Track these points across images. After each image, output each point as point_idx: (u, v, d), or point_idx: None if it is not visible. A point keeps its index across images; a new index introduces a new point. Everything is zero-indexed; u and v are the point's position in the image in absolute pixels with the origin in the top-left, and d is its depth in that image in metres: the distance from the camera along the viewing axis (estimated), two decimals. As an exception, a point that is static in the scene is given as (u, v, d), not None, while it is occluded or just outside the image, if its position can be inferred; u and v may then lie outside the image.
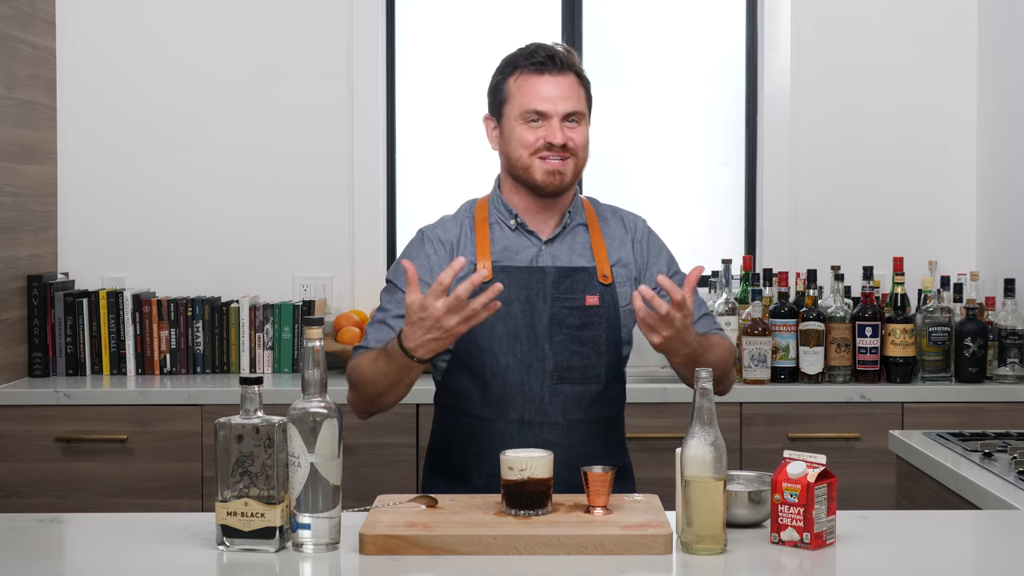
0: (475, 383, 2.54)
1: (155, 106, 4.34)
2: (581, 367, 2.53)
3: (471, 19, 4.50)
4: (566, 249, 2.59)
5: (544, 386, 2.52)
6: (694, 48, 4.53)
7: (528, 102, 2.51)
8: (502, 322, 2.51)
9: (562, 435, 2.51)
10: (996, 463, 2.63)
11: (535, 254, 2.57)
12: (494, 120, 2.59)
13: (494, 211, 2.61)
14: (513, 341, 2.52)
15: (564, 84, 2.52)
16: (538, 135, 2.51)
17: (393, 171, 4.47)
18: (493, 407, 2.52)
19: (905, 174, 4.38)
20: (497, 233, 2.59)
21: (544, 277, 2.54)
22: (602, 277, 2.56)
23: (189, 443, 3.76)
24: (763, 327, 3.87)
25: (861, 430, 3.78)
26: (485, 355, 2.52)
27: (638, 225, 2.67)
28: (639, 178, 4.53)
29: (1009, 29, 4.18)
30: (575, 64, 2.56)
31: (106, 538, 2.15)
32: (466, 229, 2.59)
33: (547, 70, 2.51)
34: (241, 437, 2.02)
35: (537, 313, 2.53)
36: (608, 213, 2.68)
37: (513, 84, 2.54)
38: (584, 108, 2.55)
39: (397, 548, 2.01)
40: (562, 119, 2.51)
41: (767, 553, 2.03)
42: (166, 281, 4.31)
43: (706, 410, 2.03)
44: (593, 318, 2.54)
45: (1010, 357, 3.88)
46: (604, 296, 2.55)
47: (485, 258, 2.54)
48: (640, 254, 2.62)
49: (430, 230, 2.62)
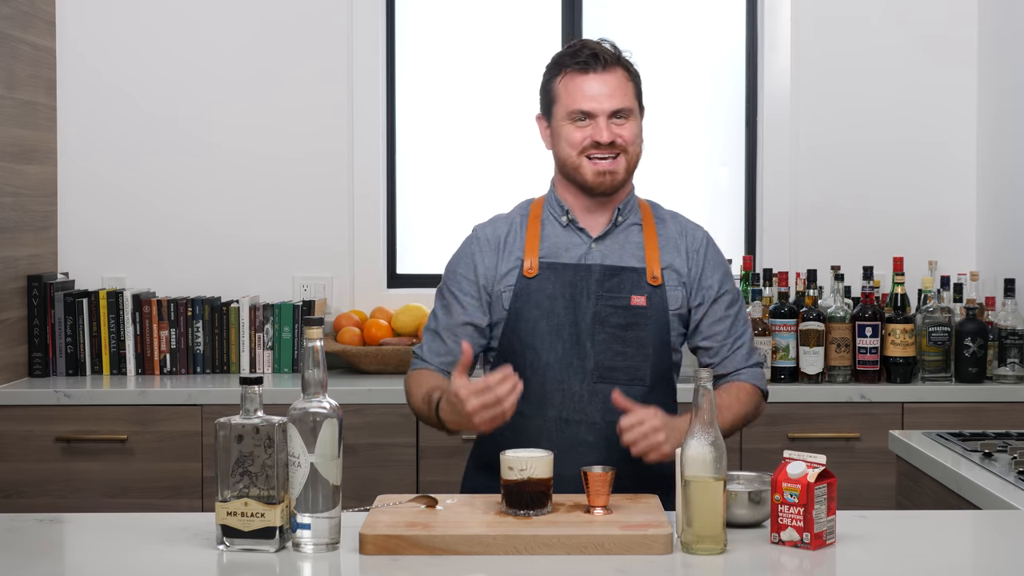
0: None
1: (155, 107, 4.34)
2: (624, 367, 2.51)
3: (471, 20, 4.50)
4: (617, 247, 2.57)
5: (584, 385, 2.51)
6: (694, 48, 4.53)
7: (573, 102, 2.51)
8: (546, 318, 2.51)
9: (600, 435, 2.49)
10: (996, 463, 2.63)
11: (584, 251, 2.56)
12: (545, 120, 2.60)
13: (547, 208, 2.62)
14: (555, 338, 2.51)
15: (610, 81, 2.51)
16: (585, 134, 2.51)
17: (393, 172, 4.47)
18: (532, 404, 2.50)
19: (905, 173, 4.38)
20: (548, 230, 2.59)
21: (589, 275, 2.53)
22: (651, 279, 2.54)
23: (189, 443, 3.76)
24: (763, 327, 3.87)
25: (861, 430, 3.78)
26: (527, 351, 2.52)
27: (697, 234, 2.64)
28: (639, 178, 4.51)
29: (1009, 28, 4.18)
30: (622, 59, 2.55)
31: (106, 538, 2.15)
32: (516, 226, 2.60)
33: (592, 68, 2.51)
34: (241, 437, 2.02)
35: (580, 311, 2.52)
36: (667, 216, 2.66)
37: (560, 84, 2.54)
38: (632, 103, 2.54)
39: (397, 548, 2.01)
40: (609, 116, 2.51)
41: (767, 553, 2.03)
42: (166, 281, 4.31)
43: (706, 410, 2.03)
44: (639, 318, 2.52)
45: (1010, 357, 3.88)
46: (652, 297, 2.53)
47: (532, 255, 2.55)
48: (695, 264, 2.59)
49: (480, 228, 2.64)
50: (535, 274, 2.53)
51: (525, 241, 2.57)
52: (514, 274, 2.55)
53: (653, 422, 2.31)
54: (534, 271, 2.53)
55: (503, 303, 2.55)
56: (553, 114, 2.56)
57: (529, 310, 2.52)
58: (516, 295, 2.53)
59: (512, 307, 2.53)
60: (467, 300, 2.57)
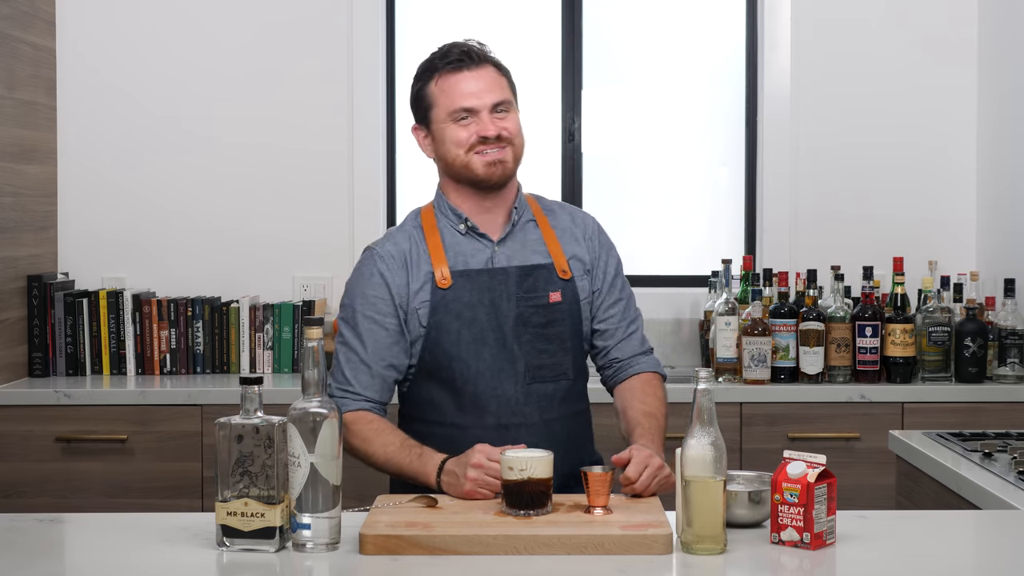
0: (446, 391, 2.51)
1: (155, 107, 4.34)
2: (550, 364, 2.52)
3: (471, 20, 4.50)
4: (519, 247, 2.56)
5: (517, 387, 2.50)
6: (694, 48, 4.53)
7: (453, 101, 2.50)
8: (467, 327, 2.49)
9: (539, 435, 2.48)
10: (996, 463, 2.63)
11: (489, 256, 2.54)
12: (423, 129, 2.57)
13: (441, 217, 2.57)
14: (481, 346, 2.49)
15: (485, 76, 2.51)
16: (470, 131, 2.49)
17: (393, 172, 4.47)
18: (468, 413, 2.49)
19: (905, 175, 4.38)
20: (448, 239, 2.55)
21: (507, 278, 2.52)
22: (561, 272, 2.55)
23: (189, 443, 3.76)
24: (763, 327, 3.87)
25: (861, 430, 3.78)
26: (454, 362, 2.49)
27: (587, 222, 2.66)
28: (639, 178, 4.54)
29: (1009, 30, 4.18)
30: (491, 56, 2.55)
31: (106, 538, 2.15)
32: (416, 239, 2.55)
33: (465, 66, 2.51)
34: (241, 437, 2.02)
35: (503, 315, 2.50)
36: (556, 207, 2.66)
37: (435, 88, 2.53)
38: (510, 96, 2.54)
39: (397, 548, 2.01)
40: (490, 111, 2.50)
41: (767, 553, 2.03)
42: (166, 281, 4.31)
43: (706, 410, 2.03)
44: (557, 314, 2.53)
45: (1010, 357, 3.88)
46: (565, 291, 2.55)
47: (442, 264, 2.51)
48: (592, 248, 2.62)
49: (380, 245, 2.57)
50: (449, 284, 2.50)
51: (430, 252, 2.52)
52: (427, 288, 2.50)
53: (655, 460, 2.31)
54: (448, 281, 2.50)
55: (419, 320, 2.49)
56: (432, 119, 2.53)
57: (449, 322, 2.48)
58: (433, 308, 2.49)
59: (431, 321, 2.48)
60: (389, 322, 2.49)
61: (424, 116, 2.56)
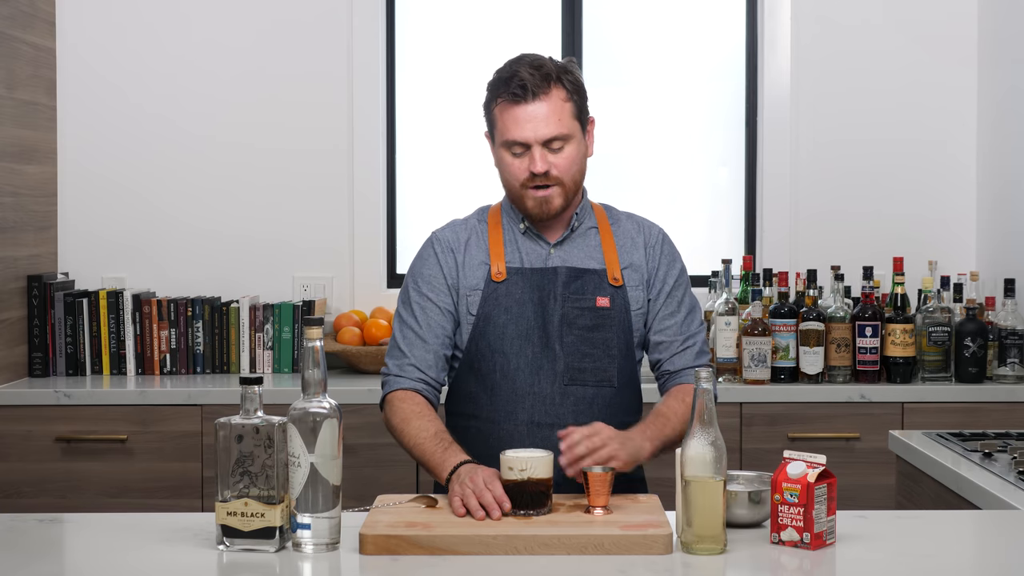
0: (484, 385, 2.53)
1: (155, 106, 4.34)
2: (592, 369, 2.52)
3: (471, 21, 4.50)
4: (575, 251, 2.58)
5: (555, 387, 2.51)
6: (694, 48, 4.53)
7: (508, 132, 2.50)
8: (514, 322, 2.52)
9: None
10: (996, 463, 2.63)
11: (545, 256, 2.57)
12: (491, 139, 2.59)
13: (505, 216, 2.62)
14: (524, 342, 2.52)
15: (541, 110, 2.47)
16: (523, 166, 2.50)
17: (393, 172, 4.47)
18: (502, 408, 2.51)
19: (905, 174, 4.38)
20: (508, 236, 2.60)
21: (555, 278, 2.54)
22: (612, 280, 2.56)
23: (189, 443, 3.76)
24: (763, 327, 3.87)
25: (861, 430, 3.78)
26: (496, 355, 2.52)
27: (653, 231, 2.65)
28: (639, 178, 4.53)
29: (1009, 29, 4.18)
30: (554, 80, 2.49)
31: (106, 538, 2.15)
32: (477, 231, 2.60)
33: (522, 99, 2.47)
34: (241, 437, 2.02)
35: (548, 313, 2.52)
36: (623, 217, 2.67)
37: (497, 112, 2.53)
38: (566, 128, 2.49)
39: (397, 548, 2.01)
40: (543, 145, 2.48)
41: (767, 553, 2.03)
42: (166, 281, 4.31)
43: (706, 410, 2.03)
44: (604, 320, 2.53)
45: (1010, 357, 3.88)
46: (615, 298, 2.55)
47: (499, 259, 2.55)
48: (652, 257, 2.61)
49: (440, 232, 2.64)
50: (504, 278, 2.54)
51: (489, 246, 2.57)
52: (480, 279, 2.55)
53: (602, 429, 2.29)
54: (502, 275, 2.54)
55: (469, 308, 2.54)
56: (495, 137, 2.55)
57: (499, 314, 2.52)
58: (485, 299, 2.53)
59: (481, 311, 2.53)
60: (443, 300, 2.56)
61: (490, 130, 2.58)
